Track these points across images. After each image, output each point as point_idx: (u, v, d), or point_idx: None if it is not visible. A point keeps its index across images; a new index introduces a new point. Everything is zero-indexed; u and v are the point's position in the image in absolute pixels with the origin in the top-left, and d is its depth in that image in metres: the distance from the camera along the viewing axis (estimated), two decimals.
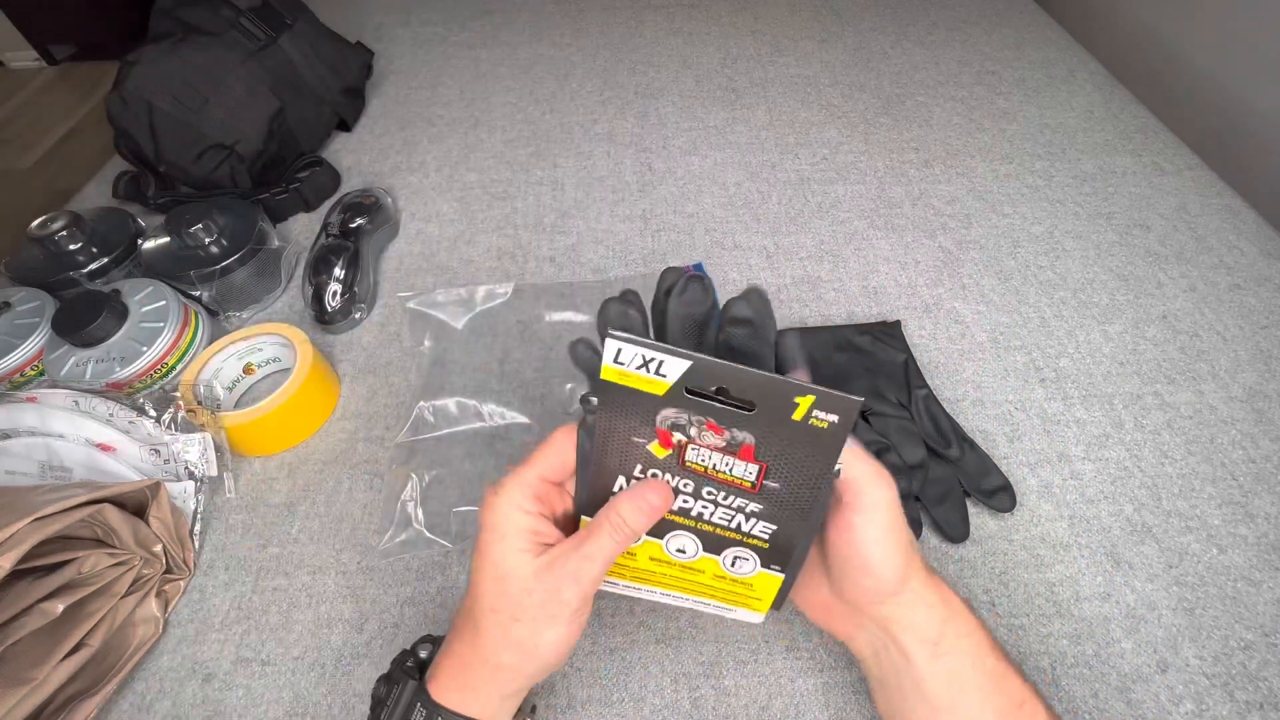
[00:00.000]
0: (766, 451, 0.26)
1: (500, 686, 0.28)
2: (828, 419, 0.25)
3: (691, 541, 0.30)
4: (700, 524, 0.29)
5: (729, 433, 0.26)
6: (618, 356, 0.25)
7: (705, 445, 0.27)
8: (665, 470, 0.28)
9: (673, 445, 0.27)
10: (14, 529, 0.32)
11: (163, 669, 0.39)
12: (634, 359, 0.25)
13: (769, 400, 0.25)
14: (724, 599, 0.32)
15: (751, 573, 0.30)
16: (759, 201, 0.66)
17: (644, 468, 0.28)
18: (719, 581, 0.31)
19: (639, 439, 0.27)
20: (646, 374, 0.25)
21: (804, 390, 0.24)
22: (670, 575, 0.31)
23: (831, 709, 0.36)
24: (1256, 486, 0.43)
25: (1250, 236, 0.59)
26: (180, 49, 0.63)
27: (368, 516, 0.45)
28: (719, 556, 0.30)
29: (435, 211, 0.67)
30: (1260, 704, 0.35)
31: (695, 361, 0.24)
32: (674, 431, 0.26)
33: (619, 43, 0.90)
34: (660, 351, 0.24)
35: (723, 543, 0.30)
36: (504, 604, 0.27)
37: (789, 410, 0.25)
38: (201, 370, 0.49)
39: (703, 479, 0.28)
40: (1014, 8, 0.92)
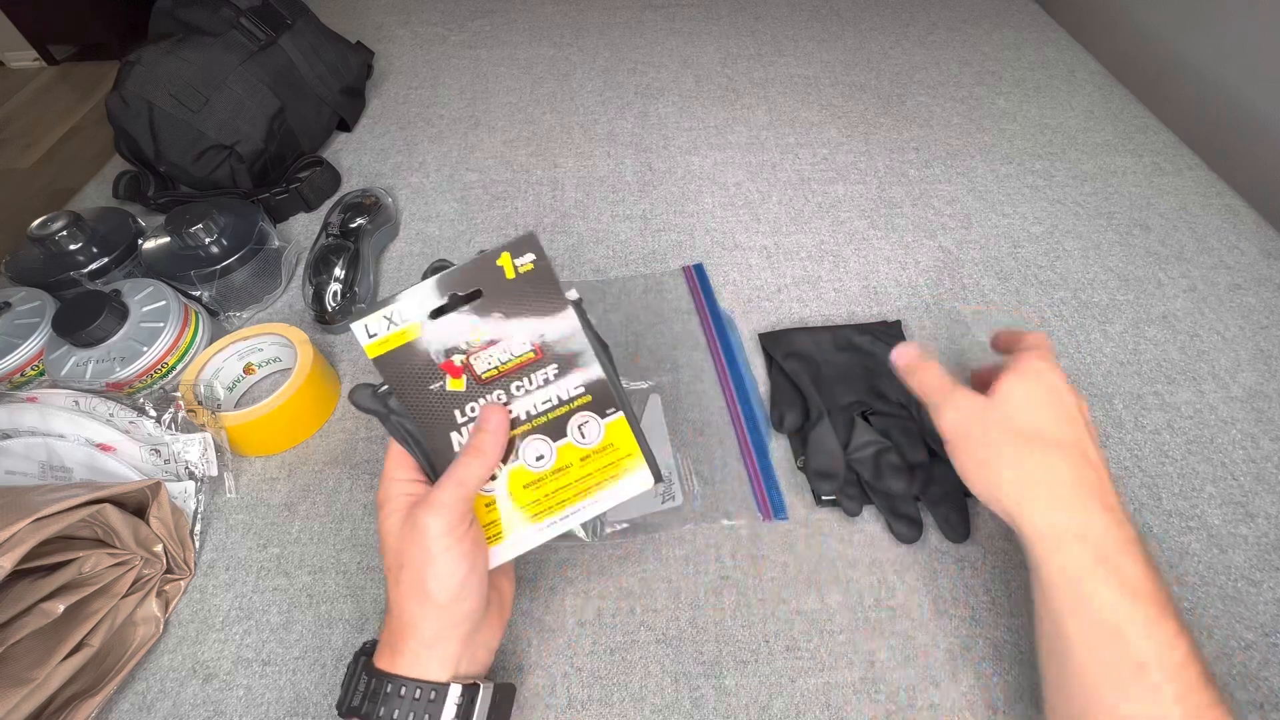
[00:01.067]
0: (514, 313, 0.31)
1: (415, 636, 0.29)
2: (528, 260, 0.30)
3: (540, 441, 0.32)
4: (534, 420, 0.32)
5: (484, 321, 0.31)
6: (368, 330, 0.30)
7: (483, 349, 0.31)
8: (473, 399, 0.31)
9: (460, 369, 0.31)
10: (14, 529, 0.32)
11: (163, 669, 0.39)
12: (380, 324, 0.30)
13: (486, 278, 0.30)
14: (604, 478, 0.33)
15: (600, 433, 0.33)
16: (759, 201, 0.66)
17: (461, 411, 0.31)
18: (587, 465, 0.33)
19: (434, 385, 0.31)
20: (395, 326, 0.30)
21: (497, 252, 0.30)
22: (550, 492, 0.33)
23: (831, 709, 0.36)
24: (1256, 486, 0.43)
25: (1250, 236, 0.59)
26: (180, 49, 0.64)
27: (368, 516, 0.45)
28: (567, 439, 0.33)
29: (435, 211, 0.67)
30: (1260, 704, 0.35)
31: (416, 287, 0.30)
32: (452, 355, 0.31)
33: (619, 43, 0.90)
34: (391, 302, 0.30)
35: (560, 423, 0.33)
36: (390, 559, 0.30)
37: (502, 274, 0.30)
38: (202, 370, 0.49)
39: (504, 379, 0.31)
40: (1014, 8, 0.92)
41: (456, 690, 0.29)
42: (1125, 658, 0.28)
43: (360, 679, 0.30)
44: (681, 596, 0.40)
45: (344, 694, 0.30)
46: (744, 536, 0.42)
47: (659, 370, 0.51)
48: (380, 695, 0.29)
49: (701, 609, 0.40)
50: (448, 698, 0.29)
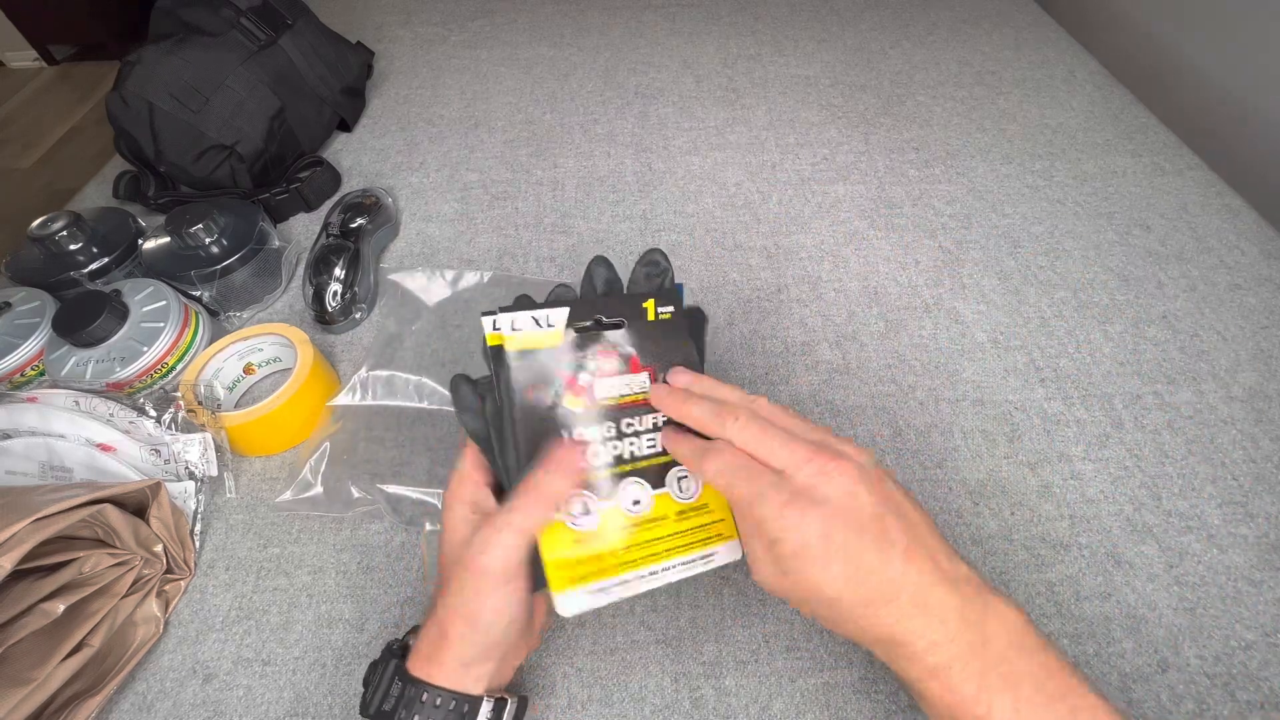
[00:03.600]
0: (645, 355, 0.33)
1: (457, 654, 0.29)
2: (667, 310, 0.33)
3: (639, 485, 0.32)
4: (637, 462, 0.32)
5: (617, 352, 0.32)
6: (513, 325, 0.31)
7: (605, 373, 0.32)
8: (583, 424, 0.31)
9: (581, 387, 0.31)
10: (14, 529, 0.32)
11: (163, 669, 0.39)
12: (526, 322, 0.31)
13: (630, 310, 0.33)
14: (698, 542, 0.31)
15: (698, 489, 0.32)
16: (759, 201, 0.66)
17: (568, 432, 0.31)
18: (682, 521, 0.32)
19: (551, 397, 0.31)
20: (539, 329, 0.31)
21: (646, 296, 0.33)
22: (642, 542, 0.31)
23: (832, 709, 0.36)
24: (1256, 486, 0.43)
25: (1250, 236, 0.59)
26: (181, 49, 0.63)
27: (368, 516, 0.45)
28: (667, 489, 0.32)
29: (435, 211, 0.67)
30: (1261, 704, 0.35)
31: (573, 304, 0.32)
32: (578, 372, 0.31)
33: (619, 43, 0.90)
34: (535, 308, 0.31)
35: (660, 470, 0.32)
36: (448, 577, 0.30)
37: (643, 314, 0.33)
38: (202, 370, 0.49)
39: (617, 412, 0.32)
40: (1014, 8, 0.92)
41: (489, 705, 0.30)
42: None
43: (393, 683, 0.29)
44: (681, 596, 0.40)
45: (371, 694, 0.30)
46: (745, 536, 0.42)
47: None
48: (415, 703, 0.29)
49: (701, 609, 0.40)
50: (480, 711, 0.29)
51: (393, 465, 0.46)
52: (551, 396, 0.31)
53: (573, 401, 0.31)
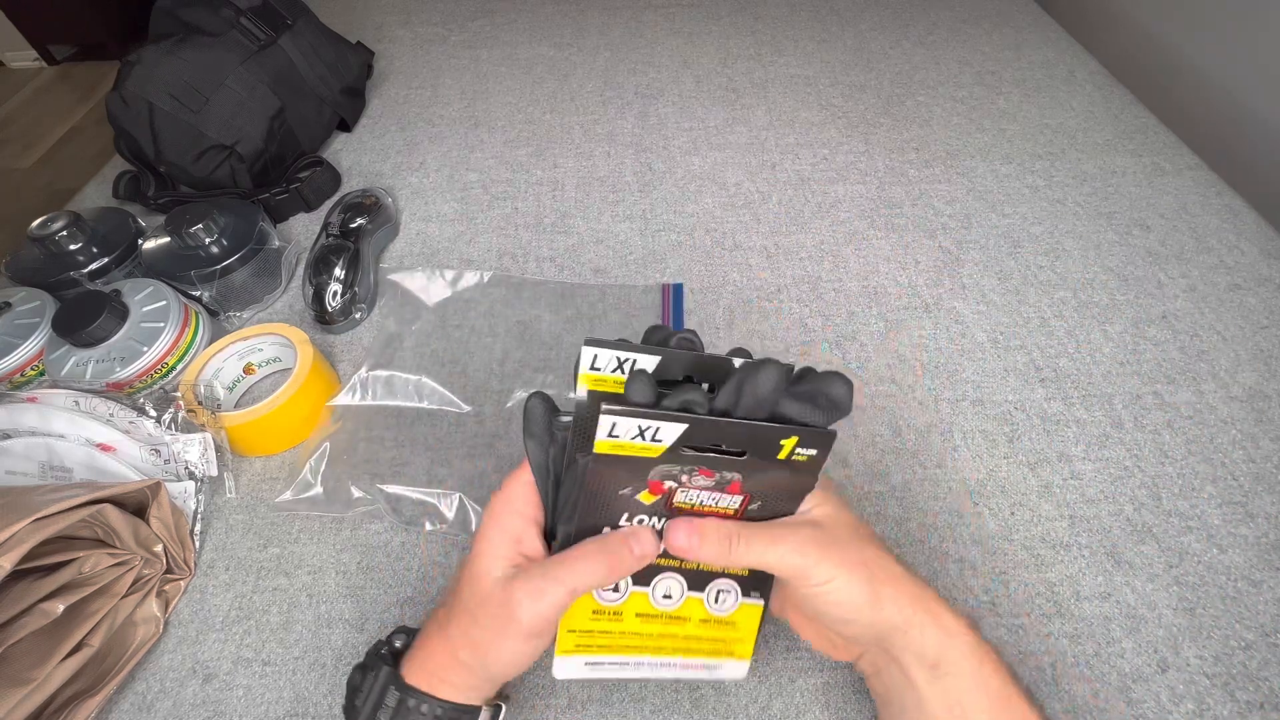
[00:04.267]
0: (752, 484, 0.28)
1: (462, 678, 0.29)
2: (808, 454, 0.27)
3: (677, 583, 0.30)
4: (685, 561, 0.30)
5: (719, 475, 0.27)
6: (612, 430, 0.25)
7: (695, 488, 0.28)
8: (652, 514, 0.28)
9: (663, 491, 0.28)
10: (14, 529, 0.32)
11: (163, 669, 0.39)
12: (629, 431, 0.25)
13: (758, 445, 0.26)
14: (709, 650, 0.31)
15: (733, 607, 0.31)
16: (759, 201, 0.66)
17: (630, 516, 0.28)
18: (703, 628, 0.31)
19: (626, 491, 0.27)
20: (642, 441, 0.25)
21: (790, 433, 0.26)
22: (655, 633, 0.30)
23: (831, 709, 0.36)
24: (1256, 486, 0.43)
25: (1250, 236, 0.59)
26: (180, 49, 0.64)
27: (368, 516, 0.45)
28: (703, 594, 0.30)
29: (435, 211, 0.67)
30: (1261, 704, 0.35)
31: (692, 424, 0.25)
32: (665, 480, 0.27)
33: (619, 43, 0.90)
34: (658, 419, 0.25)
35: (706, 577, 0.30)
36: (472, 604, 0.29)
37: (775, 451, 0.27)
38: (202, 370, 0.49)
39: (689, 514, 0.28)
40: (1014, 8, 0.92)
41: (487, 713, 0.30)
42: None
43: (388, 692, 0.29)
44: None
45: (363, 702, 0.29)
46: None
47: None
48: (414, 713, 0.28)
49: None
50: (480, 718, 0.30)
51: (393, 465, 0.46)
52: (626, 489, 0.28)
53: (645, 497, 0.28)
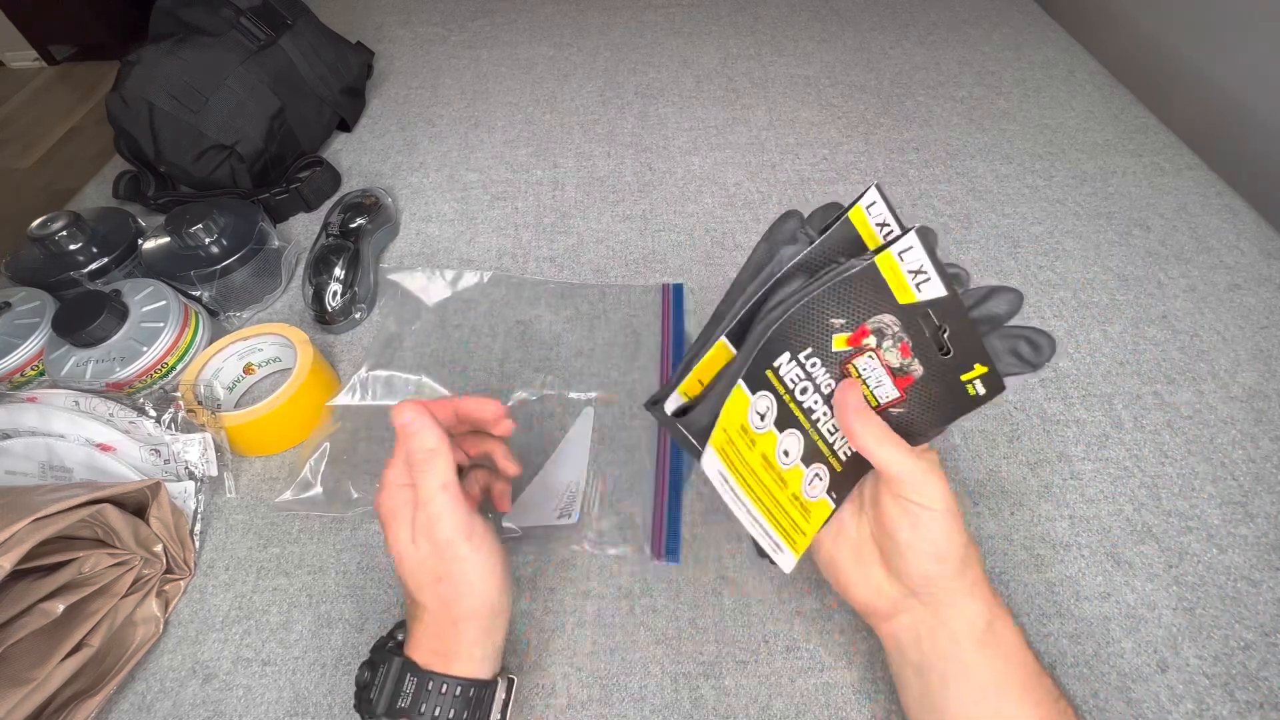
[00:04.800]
0: (918, 389, 0.29)
1: (471, 636, 0.31)
2: (979, 390, 0.29)
3: (798, 443, 0.31)
4: (812, 428, 0.31)
5: (911, 360, 0.29)
6: (905, 253, 0.26)
7: (881, 359, 0.29)
8: (825, 361, 0.29)
9: (859, 345, 0.29)
10: (14, 529, 0.32)
11: (163, 669, 0.39)
12: (915, 263, 0.26)
13: (968, 354, 0.28)
14: (784, 528, 0.32)
15: (817, 496, 0.32)
16: (759, 201, 0.66)
17: (812, 352, 0.29)
18: (791, 504, 0.32)
19: (837, 321, 0.28)
20: (910, 280, 0.27)
21: (987, 361, 0.28)
22: (764, 483, 0.31)
23: (831, 709, 0.36)
24: (1256, 486, 0.43)
25: (1250, 236, 0.59)
26: (180, 49, 0.64)
27: (367, 516, 0.45)
28: (806, 470, 0.31)
29: (435, 211, 0.67)
30: (1260, 704, 0.35)
31: (950, 296, 0.27)
32: (873, 334, 0.28)
33: (619, 43, 0.90)
34: (936, 271, 0.26)
35: (815, 455, 0.31)
36: (421, 574, 0.31)
37: (965, 369, 0.28)
38: (202, 370, 0.49)
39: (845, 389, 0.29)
40: (1014, 8, 0.92)
41: (502, 685, 0.32)
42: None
43: (405, 680, 0.30)
44: (681, 596, 0.40)
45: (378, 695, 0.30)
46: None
47: (604, 385, 0.50)
48: (434, 695, 0.29)
49: (701, 609, 0.40)
50: (497, 691, 0.32)
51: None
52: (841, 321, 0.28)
53: (839, 341, 0.29)
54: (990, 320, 0.30)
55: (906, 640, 0.31)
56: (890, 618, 0.31)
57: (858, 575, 0.32)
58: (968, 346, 0.28)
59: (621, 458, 0.46)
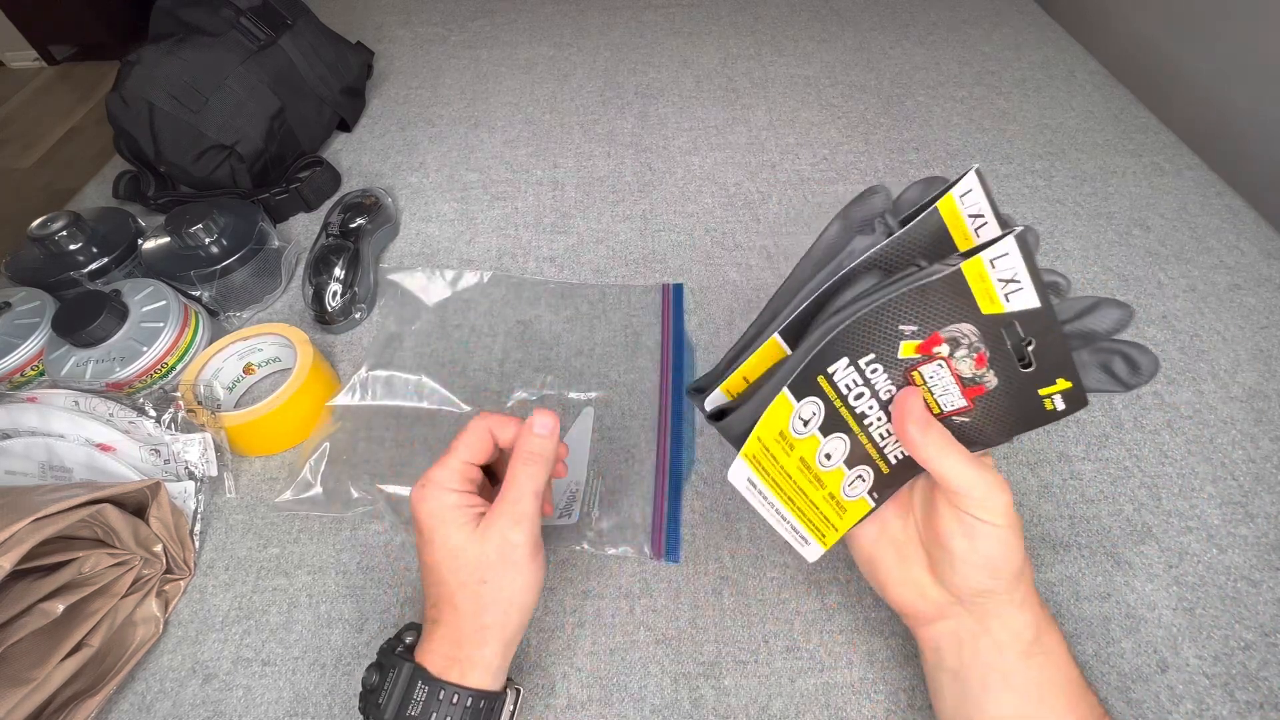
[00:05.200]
0: (988, 400, 0.27)
1: (492, 647, 0.30)
2: (1058, 406, 0.27)
3: (843, 447, 0.29)
4: (862, 432, 0.29)
5: (985, 371, 0.26)
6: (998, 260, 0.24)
7: (952, 369, 0.27)
8: (887, 367, 0.27)
9: (930, 353, 0.26)
10: (14, 529, 0.32)
11: (163, 669, 0.39)
12: (1009, 272, 0.24)
13: (1050, 369, 0.26)
14: (814, 524, 0.31)
15: (857, 496, 0.30)
16: (759, 201, 0.66)
17: (875, 359, 0.27)
18: (826, 503, 0.31)
19: (907, 328, 0.26)
20: (999, 288, 0.24)
21: (1071, 377, 0.26)
22: (798, 485, 0.30)
23: (831, 709, 0.36)
24: (1256, 486, 0.43)
25: (1250, 236, 0.59)
26: (180, 49, 0.64)
27: (367, 516, 0.45)
28: (849, 472, 0.30)
29: (435, 211, 0.67)
30: (1260, 704, 0.35)
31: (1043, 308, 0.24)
32: (947, 343, 0.26)
33: (619, 43, 0.90)
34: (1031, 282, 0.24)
35: (861, 458, 0.30)
36: (467, 574, 0.30)
37: (1045, 384, 0.26)
38: (201, 370, 0.49)
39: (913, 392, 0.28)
40: (1014, 8, 0.92)
41: (510, 696, 0.32)
42: None
43: (415, 687, 0.29)
44: (681, 596, 0.40)
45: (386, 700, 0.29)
46: (743, 536, 0.42)
47: (604, 385, 0.50)
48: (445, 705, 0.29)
49: (701, 609, 0.40)
50: (505, 702, 0.31)
51: (393, 465, 0.46)
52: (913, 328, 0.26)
53: (907, 348, 0.27)
54: (1086, 336, 0.28)
55: (946, 646, 0.30)
56: (931, 622, 0.30)
57: (899, 576, 0.31)
58: (1054, 360, 0.26)
59: (621, 458, 0.46)
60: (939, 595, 0.30)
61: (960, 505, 0.27)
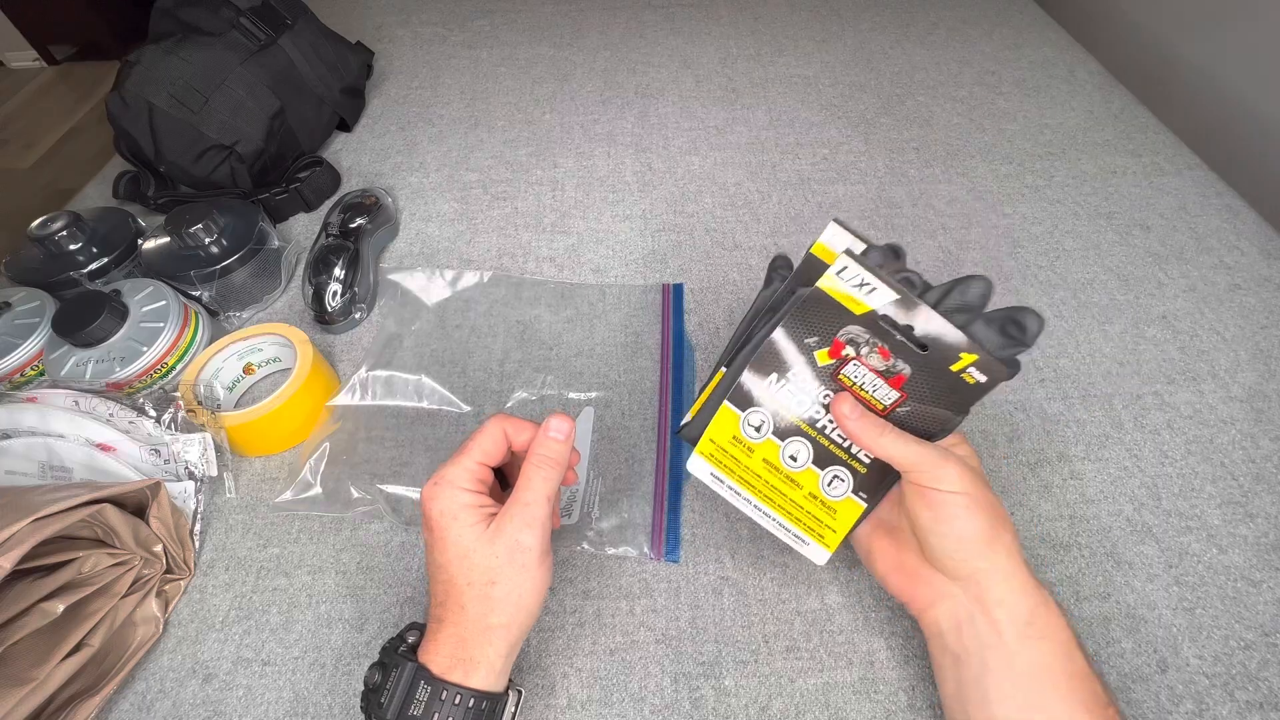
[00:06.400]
0: (914, 386, 0.31)
1: (497, 648, 0.31)
2: (979, 378, 0.30)
3: (806, 449, 0.33)
4: (820, 435, 0.33)
5: (894, 361, 0.30)
6: (841, 272, 0.30)
7: (867, 365, 0.31)
8: (818, 377, 0.32)
9: (840, 356, 0.31)
10: (14, 529, 0.32)
11: (163, 669, 0.39)
12: (855, 278, 0.30)
13: (942, 345, 0.30)
14: (806, 524, 0.34)
15: (841, 496, 0.33)
16: (759, 201, 0.66)
17: (797, 371, 0.32)
18: (809, 502, 0.34)
19: (812, 341, 0.31)
20: (858, 293, 0.30)
21: (972, 349, 0.29)
22: (771, 484, 0.34)
23: (831, 709, 0.36)
24: (1256, 486, 0.43)
25: (1250, 236, 0.59)
26: (180, 49, 0.63)
27: (367, 516, 0.45)
28: (821, 472, 0.33)
29: (435, 211, 0.67)
30: (1260, 704, 0.35)
31: (902, 297, 0.29)
32: (848, 345, 0.31)
33: (619, 43, 0.90)
34: (879, 280, 0.29)
35: (830, 458, 0.33)
36: (476, 574, 0.30)
37: (951, 360, 0.30)
38: (201, 370, 0.49)
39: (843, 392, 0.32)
40: (1014, 8, 0.92)
41: (512, 698, 0.32)
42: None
43: (418, 687, 0.29)
44: (681, 596, 0.40)
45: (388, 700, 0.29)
46: (743, 536, 0.42)
47: (604, 385, 0.50)
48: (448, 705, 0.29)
49: (701, 609, 0.40)
50: (508, 704, 0.32)
51: (392, 465, 0.46)
52: (814, 340, 0.31)
53: (822, 357, 0.31)
54: (965, 309, 0.31)
55: (947, 627, 0.31)
56: (931, 605, 0.32)
57: (896, 563, 0.33)
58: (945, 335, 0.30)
59: (621, 458, 0.46)
60: (933, 578, 0.31)
61: (918, 481, 0.30)
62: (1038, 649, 0.29)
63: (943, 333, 0.29)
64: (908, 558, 0.33)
